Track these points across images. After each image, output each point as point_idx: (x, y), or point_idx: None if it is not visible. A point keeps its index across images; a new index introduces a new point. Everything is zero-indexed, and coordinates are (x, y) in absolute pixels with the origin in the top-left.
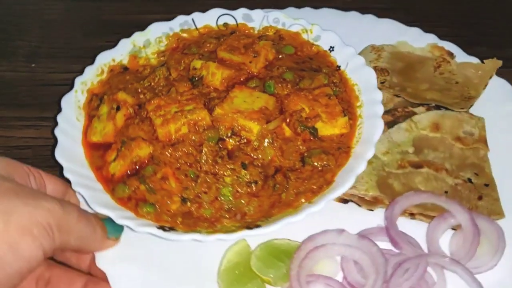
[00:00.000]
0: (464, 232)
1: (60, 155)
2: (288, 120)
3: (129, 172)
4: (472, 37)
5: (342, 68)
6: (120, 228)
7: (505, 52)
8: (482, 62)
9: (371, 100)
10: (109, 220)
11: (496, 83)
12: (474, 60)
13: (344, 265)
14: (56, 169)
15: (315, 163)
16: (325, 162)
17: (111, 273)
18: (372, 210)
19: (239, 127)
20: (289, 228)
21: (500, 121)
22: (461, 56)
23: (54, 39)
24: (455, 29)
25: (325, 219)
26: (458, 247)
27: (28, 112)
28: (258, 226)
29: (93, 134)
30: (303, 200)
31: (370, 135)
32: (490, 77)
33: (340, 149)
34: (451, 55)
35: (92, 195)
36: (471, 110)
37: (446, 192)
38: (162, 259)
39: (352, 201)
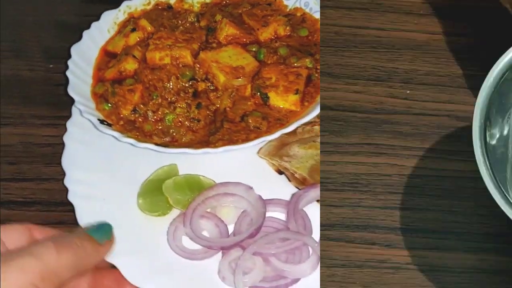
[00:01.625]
0: None
1: (74, 50)
2: (252, 83)
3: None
4: None
5: None
6: (107, 227)
7: None
8: None
9: None
10: (93, 228)
11: None
12: None
13: (240, 218)
14: None
15: (250, 122)
16: (258, 125)
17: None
18: (299, 189)
19: (212, 74)
20: (221, 175)
21: None
22: None
23: (71, 40)
24: None
25: (255, 181)
26: None
27: (46, 111)
28: (165, 147)
29: (109, 43)
30: (217, 145)
31: (304, 117)
32: None
33: (279, 120)
34: None
35: (76, 83)
36: None
37: None
38: (109, 160)
39: (285, 174)
